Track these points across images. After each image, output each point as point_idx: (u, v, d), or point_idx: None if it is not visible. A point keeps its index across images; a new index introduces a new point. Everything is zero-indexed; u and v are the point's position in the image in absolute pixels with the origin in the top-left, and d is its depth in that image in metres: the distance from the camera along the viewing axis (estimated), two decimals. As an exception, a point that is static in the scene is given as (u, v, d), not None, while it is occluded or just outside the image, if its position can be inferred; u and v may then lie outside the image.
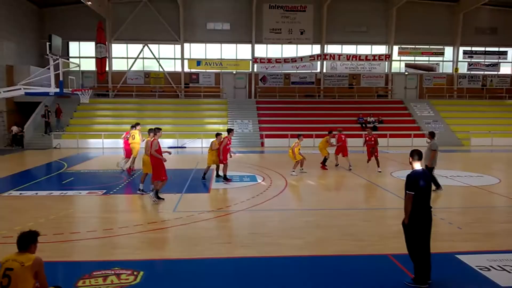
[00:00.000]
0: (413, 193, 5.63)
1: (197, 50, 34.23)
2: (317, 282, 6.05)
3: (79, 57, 32.92)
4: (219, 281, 6.11)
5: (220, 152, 13.70)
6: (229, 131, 14.44)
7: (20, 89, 16.20)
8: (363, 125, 29.56)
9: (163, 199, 10.93)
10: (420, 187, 5.63)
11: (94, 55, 32.25)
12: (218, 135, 14.04)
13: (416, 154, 5.86)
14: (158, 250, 7.34)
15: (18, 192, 12.30)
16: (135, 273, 6.15)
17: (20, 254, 4.47)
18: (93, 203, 11.22)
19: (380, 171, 16.01)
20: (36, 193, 12.11)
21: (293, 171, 15.51)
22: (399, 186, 12.91)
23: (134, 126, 15.65)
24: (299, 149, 15.69)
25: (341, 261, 6.85)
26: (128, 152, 15.80)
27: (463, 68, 36.11)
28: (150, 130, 11.50)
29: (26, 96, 17.90)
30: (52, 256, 6.68)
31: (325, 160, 17.26)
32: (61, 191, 12.38)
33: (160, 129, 11.38)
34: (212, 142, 14.10)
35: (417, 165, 5.84)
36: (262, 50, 34.41)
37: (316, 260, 6.88)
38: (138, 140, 15.57)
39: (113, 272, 6.17)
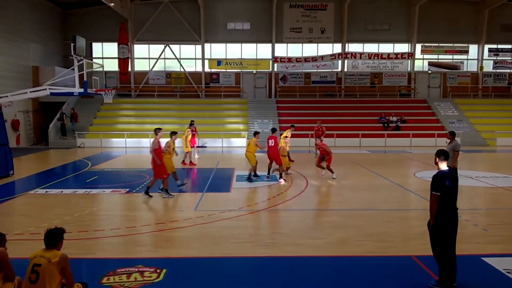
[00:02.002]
0: (439, 193, 5.51)
1: (217, 50, 34.40)
2: (338, 283, 6.01)
3: (102, 58, 33.44)
4: (240, 280, 6.13)
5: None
6: (273, 130, 15.11)
7: (46, 89, 16.52)
8: (385, 124, 29.19)
9: (172, 195, 11.44)
10: (446, 188, 5.51)
11: (116, 56, 32.78)
12: (256, 133, 14.36)
13: (442, 154, 5.74)
14: (180, 248, 7.40)
15: (44, 190, 12.59)
16: (158, 270, 6.22)
17: (47, 250, 4.58)
18: (116, 201, 11.40)
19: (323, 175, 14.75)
20: (61, 191, 12.37)
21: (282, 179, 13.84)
22: (422, 187, 12.73)
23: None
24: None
25: (363, 262, 6.78)
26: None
27: (488, 67, 35.24)
28: (172, 133, 12.48)
29: (50, 96, 18.28)
30: (77, 253, 6.81)
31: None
32: (85, 190, 12.61)
33: (160, 129, 11.60)
34: (251, 141, 14.19)
35: (443, 165, 5.72)
36: (282, 50, 34.32)
37: (337, 261, 6.83)
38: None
39: (136, 269, 6.26)
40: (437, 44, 34.58)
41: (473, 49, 34.88)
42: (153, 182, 11.51)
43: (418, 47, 34.42)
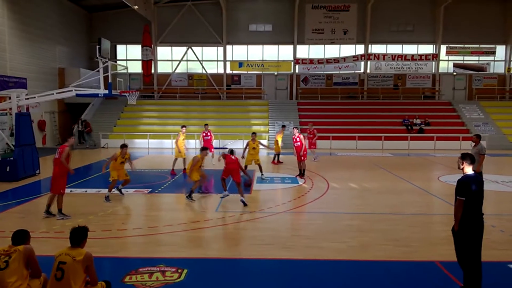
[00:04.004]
0: (464, 198, 5.39)
1: (239, 51, 34.52)
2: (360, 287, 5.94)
3: (126, 60, 34.03)
4: (260, 281, 6.13)
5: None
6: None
7: (72, 90, 16.91)
8: (409, 127, 28.74)
9: (69, 216, 9.38)
10: (472, 192, 5.38)
11: (140, 58, 33.27)
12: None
13: (468, 158, 5.61)
14: (201, 249, 7.45)
15: (68, 189, 12.74)
16: (179, 270, 6.28)
17: (72, 249, 4.68)
18: (138, 201, 11.57)
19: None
20: (86, 191, 12.63)
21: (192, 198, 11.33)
22: (446, 191, 12.49)
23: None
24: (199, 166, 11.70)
25: (386, 267, 6.68)
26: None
27: (516, 68, 34.33)
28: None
29: (75, 97, 18.69)
30: (100, 251, 6.93)
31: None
32: (108, 189, 12.80)
33: (71, 135, 10.15)
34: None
35: (469, 170, 5.58)
36: (304, 51, 34.20)
37: (360, 265, 6.75)
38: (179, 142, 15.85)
39: (158, 269, 6.33)
40: (462, 45, 33.83)
41: (500, 50, 33.99)
42: (52, 199, 9.55)
43: (443, 48, 33.75)
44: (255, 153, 15.03)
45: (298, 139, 14.95)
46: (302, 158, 14.95)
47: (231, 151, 11.59)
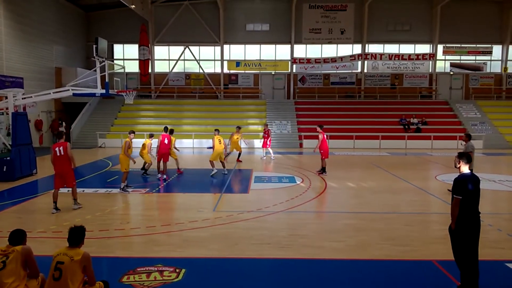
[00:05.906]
0: (460, 197, 5.41)
1: (236, 51, 34.53)
2: (357, 286, 5.95)
3: (123, 59, 33.97)
4: (258, 281, 6.13)
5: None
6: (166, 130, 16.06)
7: (69, 90, 16.83)
8: (406, 126, 28.82)
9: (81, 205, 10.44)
10: (468, 191, 5.41)
11: (137, 57, 33.21)
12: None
13: (465, 157, 5.63)
14: (199, 249, 7.44)
15: (66, 189, 12.74)
16: (177, 270, 6.27)
17: (70, 248, 4.67)
18: (136, 201, 11.55)
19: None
20: (83, 191, 12.56)
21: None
22: (443, 190, 12.52)
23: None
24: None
25: (383, 266, 6.69)
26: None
27: (513, 67, 34.47)
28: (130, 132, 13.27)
29: (72, 97, 18.62)
30: (98, 251, 6.92)
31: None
32: (106, 189, 12.81)
33: (61, 132, 10.82)
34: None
35: (466, 168, 5.61)
36: (301, 51, 34.23)
37: (357, 264, 6.76)
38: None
39: (156, 269, 6.32)
40: (459, 45, 33.97)
41: (497, 49, 34.14)
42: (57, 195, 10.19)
43: (440, 48, 33.88)
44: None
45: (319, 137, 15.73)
46: (322, 156, 15.57)
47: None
